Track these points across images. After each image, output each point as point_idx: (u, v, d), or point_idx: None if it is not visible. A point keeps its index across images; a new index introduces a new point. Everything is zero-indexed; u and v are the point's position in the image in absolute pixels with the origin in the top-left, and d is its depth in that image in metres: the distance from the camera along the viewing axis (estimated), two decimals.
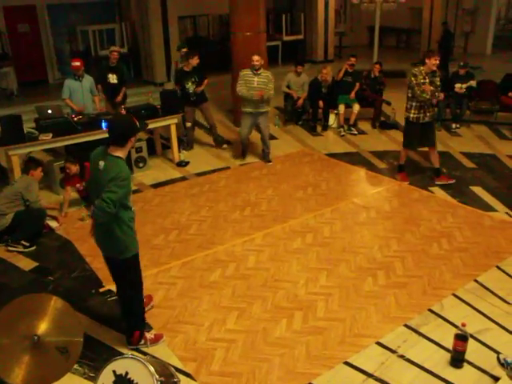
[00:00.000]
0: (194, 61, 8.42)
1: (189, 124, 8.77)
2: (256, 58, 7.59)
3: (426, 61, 6.65)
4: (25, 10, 12.84)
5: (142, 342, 4.09)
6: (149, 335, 4.14)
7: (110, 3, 14.41)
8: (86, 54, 13.25)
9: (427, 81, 6.62)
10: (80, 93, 7.75)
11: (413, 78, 6.66)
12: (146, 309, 4.32)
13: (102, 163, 3.58)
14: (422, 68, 6.71)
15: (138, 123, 3.70)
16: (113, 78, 8.54)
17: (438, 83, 6.76)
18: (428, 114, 6.82)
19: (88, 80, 7.88)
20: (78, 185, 6.36)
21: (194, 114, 8.86)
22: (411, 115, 6.83)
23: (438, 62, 6.67)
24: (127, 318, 4.09)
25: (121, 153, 3.62)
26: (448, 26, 14.46)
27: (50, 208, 6.29)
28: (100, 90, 8.58)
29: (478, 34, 17.37)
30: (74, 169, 6.29)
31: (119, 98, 8.67)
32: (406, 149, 7.28)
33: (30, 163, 6.17)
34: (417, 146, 7.25)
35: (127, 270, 3.87)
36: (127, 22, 14.09)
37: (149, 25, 12.95)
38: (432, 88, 6.62)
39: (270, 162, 8.27)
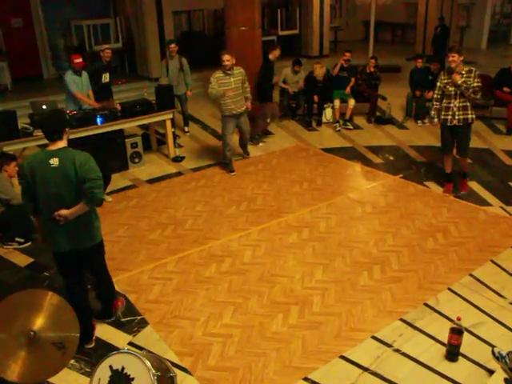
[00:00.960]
0: (277, 52, 8.56)
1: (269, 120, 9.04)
2: (226, 57, 7.00)
3: None
4: (18, 4, 12.73)
5: (119, 305, 4.46)
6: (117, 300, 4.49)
7: None
8: (81, 49, 13.18)
9: (450, 80, 6.16)
10: (81, 88, 7.72)
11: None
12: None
13: (55, 160, 3.57)
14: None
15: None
16: (106, 77, 8.45)
17: (471, 82, 6.10)
18: (457, 117, 6.23)
19: (85, 76, 7.84)
20: None
21: None
22: (440, 116, 6.43)
23: (452, 58, 6.12)
24: (108, 292, 4.37)
25: (64, 144, 3.69)
26: (444, 20, 14.45)
27: None
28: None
29: (473, 28, 17.36)
30: None
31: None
32: (443, 154, 6.74)
33: (2, 158, 5.85)
34: (450, 150, 6.59)
35: (101, 251, 4.08)
36: (122, 17, 14.02)
37: (143, 20, 12.88)
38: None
39: (248, 154, 8.32)
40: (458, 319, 3.81)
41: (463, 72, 6.19)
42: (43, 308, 3.24)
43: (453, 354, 3.83)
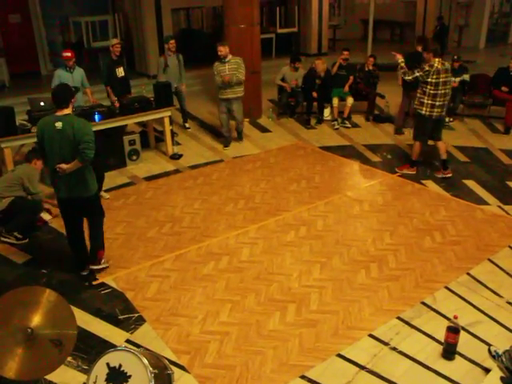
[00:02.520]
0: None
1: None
2: (219, 48, 8.03)
3: None
4: (16, 0, 12.68)
5: (103, 261, 5.03)
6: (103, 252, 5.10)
7: None
8: (79, 45, 13.15)
9: None
10: (70, 84, 7.62)
11: None
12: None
13: (59, 124, 4.39)
14: None
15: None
16: (121, 72, 8.43)
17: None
18: None
19: (79, 72, 7.76)
20: None
21: None
22: None
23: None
24: (96, 242, 4.99)
25: (69, 111, 4.49)
26: (443, 20, 14.45)
27: (50, 202, 6.21)
28: (110, 92, 8.33)
29: (471, 27, 17.37)
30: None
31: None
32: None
33: (33, 152, 6.01)
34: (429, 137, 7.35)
35: (96, 202, 4.90)
36: (120, 14, 13.98)
37: (142, 17, 12.86)
38: None
39: (241, 139, 8.86)
40: (455, 318, 3.82)
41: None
42: (40, 305, 3.23)
43: (449, 352, 3.84)
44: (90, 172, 4.66)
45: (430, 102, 6.77)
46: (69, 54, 7.60)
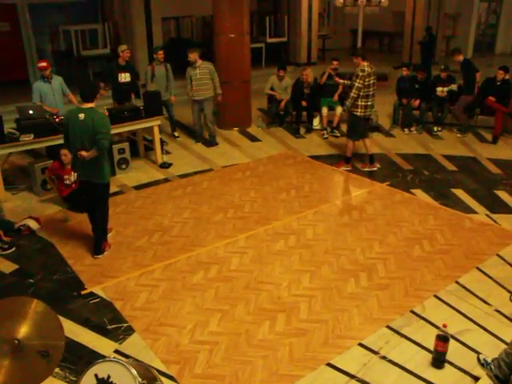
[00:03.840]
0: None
1: None
2: (189, 55, 8.60)
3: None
4: (5, 8, 12.64)
5: (106, 249, 5.57)
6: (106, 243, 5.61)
7: (93, 3, 14.28)
8: (68, 54, 13.12)
9: None
10: (51, 95, 7.53)
11: None
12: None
13: (82, 115, 5.01)
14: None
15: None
16: (125, 77, 8.45)
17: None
18: None
19: (57, 81, 7.65)
20: (66, 176, 6.23)
21: None
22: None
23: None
24: (100, 233, 5.51)
25: (92, 105, 5.14)
26: (432, 30, 14.62)
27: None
28: (102, 88, 8.40)
29: (459, 38, 17.58)
30: (70, 157, 5.96)
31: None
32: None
33: None
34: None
35: (106, 191, 5.46)
36: (110, 23, 13.98)
37: (132, 26, 12.87)
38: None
39: (217, 144, 9.19)
40: (444, 326, 3.83)
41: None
42: (28, 316, 3.20)
43: (439, 360, 3.85)
44: (107, 161, 5.30)
45: (363, 103, 7.40)
46: (44, 64, 7.47)
